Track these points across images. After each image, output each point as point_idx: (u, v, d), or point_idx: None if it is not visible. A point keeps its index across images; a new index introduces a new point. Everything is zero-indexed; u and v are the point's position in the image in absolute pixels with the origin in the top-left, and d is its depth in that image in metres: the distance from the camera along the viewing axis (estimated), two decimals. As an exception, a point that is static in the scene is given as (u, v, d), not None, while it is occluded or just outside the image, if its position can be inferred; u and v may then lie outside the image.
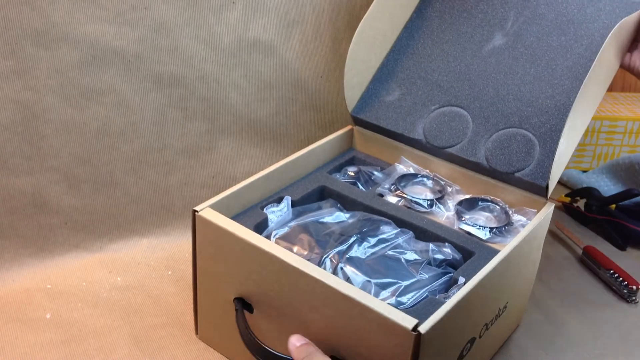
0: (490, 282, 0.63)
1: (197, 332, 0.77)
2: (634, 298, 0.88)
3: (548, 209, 0.72)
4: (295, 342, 0.58)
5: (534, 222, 0.70)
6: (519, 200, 0.76)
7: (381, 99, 0.86)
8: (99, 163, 0.86)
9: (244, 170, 0.96)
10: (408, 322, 0.53)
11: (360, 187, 0.81)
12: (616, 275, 0.90)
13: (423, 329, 0.53)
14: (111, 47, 0.81)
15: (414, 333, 0.52)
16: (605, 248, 0.97)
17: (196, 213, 0.67)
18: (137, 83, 0.85)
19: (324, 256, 0.66)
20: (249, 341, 0.63)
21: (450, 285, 0.64)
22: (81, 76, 0.81)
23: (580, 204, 1.05)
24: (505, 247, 0.65)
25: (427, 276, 0.64)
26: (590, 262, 0.94)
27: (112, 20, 0.80)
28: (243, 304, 0.67)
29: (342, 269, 0.64)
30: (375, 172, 0.82)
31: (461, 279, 0.63)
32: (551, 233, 1.01)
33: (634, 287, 0.87)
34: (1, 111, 0.78)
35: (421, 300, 0.61)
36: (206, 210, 0.67)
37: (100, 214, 0.88)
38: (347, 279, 0.63)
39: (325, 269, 0.64)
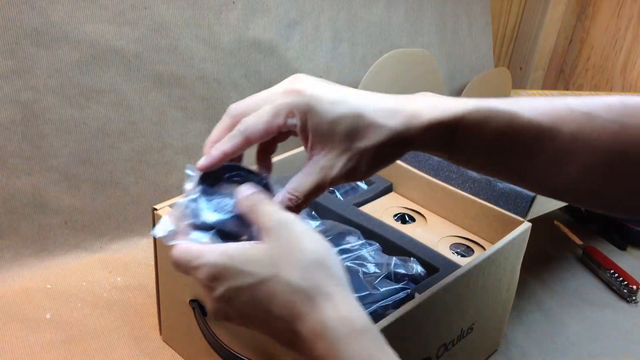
0: (444, 300, 0.60)
1: (160, 333, 0.76)
2: (634, 298, 0.88)
3: (522, 229, 0.68)
4: (244, 191, 0.49)
5: (502, 240, 0.66)
6: (497, 217, 0.72)
7: None
8: (99, 163, 0.86)
9: (244, 170, 0.96)
10: None
11: (338, 196, 0.78)
12: (616, 275, 0.90)
13: None
14: (111, 47, 0.81)
15: None
16: (605, 248, 0.97)
17: (155, 211, 0.66)
18: (137, 83, 0.85)
19: None
20: (212, 341, 0.62)
21: (406, 302, 0.60)
22: (81, 76, 0.81)
23: (580, 204, 1.05)
24: (465, 265, 0.62)
25: (381, 290, 0.61)
26: (591, 262, 0.94)
27: (112, 20, 0.80)
28: (199, 307, 0.65)
29: None
30: (360, 184, 0.80)
31: (417, 296, 0.59)
32: (551, 233, 1.01)
33: (634, 287, 0.88)
34: (1, 111, 0.78)
35: (370, 314, 0.58)
36: (165, 210, 0.66)
37: (100, 214, 0.88)
38: None
39: None
